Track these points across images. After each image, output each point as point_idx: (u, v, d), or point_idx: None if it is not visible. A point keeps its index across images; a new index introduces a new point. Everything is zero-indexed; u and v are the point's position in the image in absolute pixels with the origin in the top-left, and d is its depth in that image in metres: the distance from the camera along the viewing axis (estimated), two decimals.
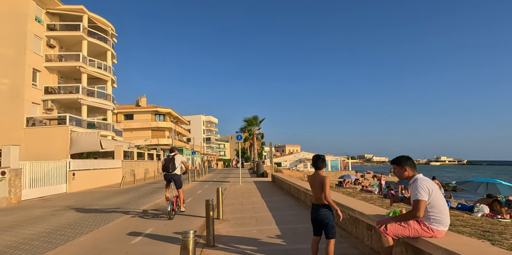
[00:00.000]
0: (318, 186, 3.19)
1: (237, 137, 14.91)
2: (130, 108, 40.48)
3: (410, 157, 2.91)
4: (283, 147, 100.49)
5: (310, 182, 3.35)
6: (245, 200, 9.11)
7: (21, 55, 18.10)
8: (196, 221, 6.30)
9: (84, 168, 15.33)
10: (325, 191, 3.10)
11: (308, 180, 3.41)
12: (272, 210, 7.23)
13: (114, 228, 5.79)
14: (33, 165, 11.66)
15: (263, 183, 15.60)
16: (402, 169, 2.82)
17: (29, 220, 6.83)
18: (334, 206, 3.11)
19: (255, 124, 32.44)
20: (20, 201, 10.36)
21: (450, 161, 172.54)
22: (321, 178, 3.17)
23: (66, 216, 7.12)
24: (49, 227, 5.95)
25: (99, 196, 11.40)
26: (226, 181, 17.45)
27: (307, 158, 54.34)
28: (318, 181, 3.20)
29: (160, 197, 10.66)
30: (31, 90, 18.67)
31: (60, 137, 17.99)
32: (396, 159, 2.92)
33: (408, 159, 2.87)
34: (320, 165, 3.28)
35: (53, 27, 20.52)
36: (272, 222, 5.91)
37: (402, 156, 2.91)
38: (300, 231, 5.06)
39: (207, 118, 72.05)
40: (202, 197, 10.24)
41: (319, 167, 3.28)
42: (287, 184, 11.15)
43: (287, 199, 9.07)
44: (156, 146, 37.23)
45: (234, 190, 12.17)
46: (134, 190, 13.38)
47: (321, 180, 3.16)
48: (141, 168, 23.79)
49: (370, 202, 9.90)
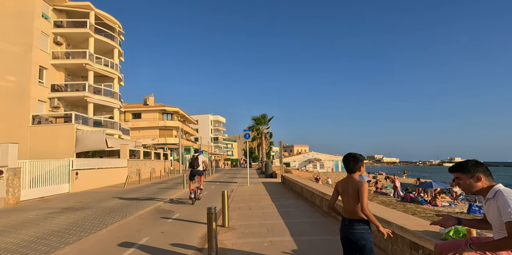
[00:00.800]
0: (352, 194, 2.41)
1: (245, 136, 14.15)
2: (138, 107, 40.37)
3: (480, 162, 2.01)
4: (291, 147, 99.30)
5: (340, 190, 2.56)
6: (254, 204, 8.35)
7: (28, 52, 17.87)
8: (198, 229, 5.58)
9: (88, 167, 14.89)
10: (362, 202, 2.31)
11: (336, 187, 2.62)
12: (284, 216, 6.44)
13: (105, 236, 5.12)
14: (33, 164, 11.22)
15: (272, 184, 14.81)
16: (473, 178, 1.95)
17: (18, 224, 6.26)
18: (374, 221, 2.31)
19: (264, 122, 31.61)
20: (18, 201, 9.90)
21: None
22: (356, 185, 2.40)
23: (58, 221, 6.52)
24: (35, 234, 5.34)
25: (100, 197, 10.86)
26: (233, 182, 16.74)
27: (316, 158, 53.20)
28: (351, 188, 2.42)
29: (164, 198, 10.03)
30: (38, 87, 18.45)
31: (65, 136, 17.67)
32: (460, 165, 2.03)
33: (478, 164, 1.98)
34: (353, 166, 2.49)
35: (60, 24, 20.29)
36: (285, 232, 5.12)
37: (468, 161, 2.02)
38: (320, 245, 4.26)
39: (214, 118, 71.70)
40: (207, 200, 9.54)
41: (351, 170, 2.50)
42: (299, 186, 10.33)
43: (299, 204, 8.26)
44: (164, 145, 36.96)
45: (242, 192, 11.43)
46: (137, 191, 12.82)
47: (356, 187, 2.38)
48: (147, 168, 23.37)
49: (392, 207, 8.99)
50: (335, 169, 50.43)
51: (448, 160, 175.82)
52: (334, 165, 51.43)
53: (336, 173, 45.71)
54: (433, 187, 14.18)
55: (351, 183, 2.44)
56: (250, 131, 18.08)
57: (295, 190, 11.19)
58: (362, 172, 2.48)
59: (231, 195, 10.37)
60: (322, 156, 53.30)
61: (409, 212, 8.00)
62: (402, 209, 8.59)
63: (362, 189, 2.33)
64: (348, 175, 2.53)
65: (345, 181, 2.53)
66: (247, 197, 9.94)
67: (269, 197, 9.79)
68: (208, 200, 9.55)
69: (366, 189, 2.33)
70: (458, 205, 13.97)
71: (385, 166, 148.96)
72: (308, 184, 9.14)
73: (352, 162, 2.48)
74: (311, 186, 8.43)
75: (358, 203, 2.36)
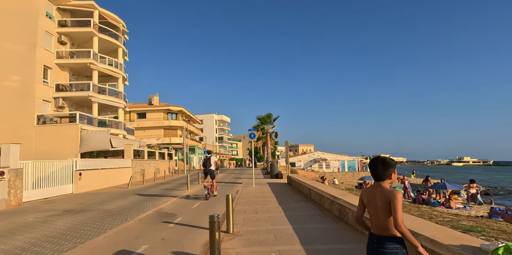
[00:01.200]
0: (382, 207, 2.00)
1: (250, 135, 13.78)
2: (143, 106, 40.38)
3: None
4: (296, 147, 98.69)
5: (365, 200, 2.17)
6: (260, 207, 7.99)
7: (32, 52, 17.82)
8: (201, 235, 5.24)
9: (92, 167, 14.73)
10: (395, 216, 1.90)
11: (361, 197, 2.23)
12: (293, 221, 6.06)
13: (101, 243, 4.82)
14: (36, 165, 11.06)
15: (278, 185, 14.42)
16: None
17: (15, 228, 6.02)
18: (412, 240, 1.87)
19: (269, 122, 31.16)
20: (20, 203, 9.73)
21: (474, 161, 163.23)
22: (386, 195, 1.99)
23: (56, 225, 6.26)
24: (30, 240, 5.07)
25: (103, 198, 10.64)
26: (238, 183, 16.40)
27: (322, 158, 52.53)
28: (381, 199, 2.01)
29: (167, 200, 9.75)
30: (42, 87, 18.39)
31: (70, 136, 17.58)
32: None
33: None
34: (382, 173, 2.07)
35: (64, 23, 20.22)
36: (294, 239, 4.75)
37: None
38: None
39: (219, 117, 71.56)
40: (211, 202, 9.22)
41: (380, 177, 2.08)
42: (307, 188, 9.93)
43: (308, 207, 7.86)
44: (169, 145, 36.85)
45: (247, 193, 11.08)
46: (140, 192, 12.58)
47: (387, 198, 1.98)
48: (151, 168, 23.22)
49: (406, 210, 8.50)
50: (341, 169, 49.74)
51: (457, 159, 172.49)
52: (340, 165, 50.72)
53: (342, 173, 45.04)
54: (447, 189, 13.60)
55: (380, 193, 2.04)
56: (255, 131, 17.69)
57: (303, 192, 10.78)
58: (393, 180, 2.07)
59: (236, 197, 10.03)
60: (328, 156, 52.60)
61: (425, 215, 7.53)
62: (417, 213, 8.12)
63: (395, 201, 1.92)
64: (375, 183, 2.13)
65: (372, 190, 2.12)
66: (252, 199, 9.59)
67: (275, 199, 9.42)
68: (213, 202, 9.23)
69: (400, 201, 1.93)
70: (473, 207, 13.37)
71: None
72: (316, 186, 8.73)
73: (381, 168, 2.07)
74: (320, 189, 8.02)
75: (389, 217, 1.97)
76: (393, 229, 1.95)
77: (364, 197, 2.18)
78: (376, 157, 2.13)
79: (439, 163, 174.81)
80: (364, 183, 25.88)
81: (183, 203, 9.13)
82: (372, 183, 2.12)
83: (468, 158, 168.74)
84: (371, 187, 2.16)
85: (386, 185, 2.07)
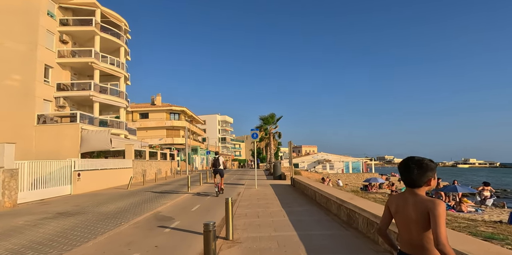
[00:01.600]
0: (417, 218, 1.55)
1: (253, 136, 13.37)
2: (145, 106, 40.22)
3: None
4: (299, 148, 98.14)
5: (394, 208, 1.72)
6: (262, 210, 7.56)
7: (33, 51, 17.63)
8: (198, 241, 4.81)
9: (91, 168, 14.43)
10: (437, 232, 1.44)
11: (388, 205, 1.81)
12: (297, 227, 5.62)
13: (89, 250, 4.43)
14: (32, 165, 10.76)
15: (281, 187, 13.98)
16: None
17: (1, 233, 5.67)
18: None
19: (272, 122, 30.74)
20: (15, 204, 9.42)
21: (480, 163, 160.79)
22: (425, 204, 1.53)
23: (46, 229, 5.90)
24: (13, 247, 4.70)
25: (100, 200, 10.30)
26: (240, 184, 15.98)
27: (325, 159, 51.92)
28: (415, 209, 1.57)
29: (166, 202, 9.37)
30: (43, 86, 18.19)
31: (70, 135, 17.34)
32: None
33: None
34: (418, 178, 1.60)
35: (65, 22, 20.04)
36: (299, 248, 4.31)
37: None
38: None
39: (222, 118, 71.29)
40: (212, 204, 8.82)
41: (415, 183, 1.62)
42: (312, 191, 9.47)
43: (313, 211, 7.41)
44: (171, 146, 36.62)
45: (249, 195, 10.66)
46: (140, 193, 12.24)
47: (424, 208, 1.53)
48: (153, 168, 22.91)
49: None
50: (345, 170, 49.07)
51: (462, 161, 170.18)
52: (344, 166, 50.05)
53: (347, 174, 44.40)
54: (458, 191, 13.02)
55: (415, 202, 1.59)
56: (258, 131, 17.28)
57: (307, 194, 10.33)
58: (432, 186, 1.63)
59: (237, 199, 9.61)
60: (332, 157, 51.96)
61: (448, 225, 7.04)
62: None
63: (436, 213, 1.48)
64: (407, 189, 1.68)
65: (403, 197, 1.67)
66: (254, 201, 9.16)
67: (278, 202, 8.98)
68: (214, 204, 8.83)
69: (443, 213, 1.48)
70: (485, 210, 12.79)
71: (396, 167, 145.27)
72: (322, 189, 8.28)
73: (416, 171, 1.60)
74: (326, 191, 7.57)
75: (425, 232, 1.53)
76: (431, 248, 1.52)
77: (391, 205, 1.74)
78: (409, 158, 1.67)
79: (444, 165, 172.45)
80: (370, 185, 25.29)
81: (182, 206, 8.74)
82: (377, 184, 1.69)
83: (474, 159, 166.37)
84: (401, 193, 1.72)
85: (423, 193, 1.62)
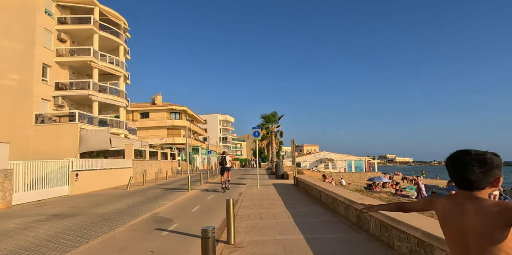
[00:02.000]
0: (485, 231, 1.16)
1: (254, 134, 13.02)
2: (146, 106, 39.95)
3: None
4: (301, 147, 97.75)
5: (443, 215, 1.32)
6: (265, 211, 7.22)
7: (31, 50, 17.35)
8: (196, 247, 4.46)
9: (90, 168, 14.13)
10: None
11: (436, 209, 1.37)
12: (304, 229, 5.28)
13: None
14: (28, 165, 10.47)
15: (284, 186, 13.62)
16: None
17: None
18: None
19: (273, 121, 30.26)
20: (9, 206, 9.13)
21: None
22: (497, 213, 1.14)
23: (37, 232, 5.59)
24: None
25: (98, 201, 10.00)
26: (242, 184, 15.65)
27: (328, 158, 51.50)
28: (482, 219, 1.17)
29: (165, 203, 9.04)
30: (41, 86, 17.92)
31: (69, 135, 17.06)
32: None
33: None
34: (481, 177, 1.20)
35: (63, 20, 19.75)
36: (309, 254, 3.96)
37: None
38: None
39: (223, 117, 70.98)
40: (213, 204, 8.48)
41: (477, 184, 1.22)
42: (316, 190, 9.12)
43: (319, 211, 7.06)
44: (172, 145, 36.33)
45: (251, 196, 10.32)
46: (139, 194, 11.93)
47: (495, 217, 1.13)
48: (153, 168, 22.62)
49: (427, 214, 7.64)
50: (348, 169, 48.64)
51: None
52: (347, 165, 49.63)
53: (349, 173, 43.95)
54: None
55: (477, 209, 1.20)
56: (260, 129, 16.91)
57: (311, 194, 9.98)
58: (496, 188, 1.24)
59: (239, 199, 9.27)
60: (334, 156, 51.53)
61: None
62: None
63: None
64: (461, 193, 1.28)
65: (457, 205, 1.27)
66: (257, 202, 8.82)
67: (282, 202, 8.63)
68: (215, 204, 8.50)
69: None
70: None
71: (398, 166, 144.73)
72: (328, 188, 7.92)
73: (478, 170, 1.20)
74: (332, 191, 7.21)
75: (492, 248, 1.13)
76: None
77: (439, 211, 1.33)
78: (465, 152, 1.23)
79: (440, 164, 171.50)
80: (374, 184, 24.91)
81: (182, 206, 8.42)
82: (381, 183, 1.33)
83: None
84: (452, 198, 1.32)
85: (486, 196, 1.23)
